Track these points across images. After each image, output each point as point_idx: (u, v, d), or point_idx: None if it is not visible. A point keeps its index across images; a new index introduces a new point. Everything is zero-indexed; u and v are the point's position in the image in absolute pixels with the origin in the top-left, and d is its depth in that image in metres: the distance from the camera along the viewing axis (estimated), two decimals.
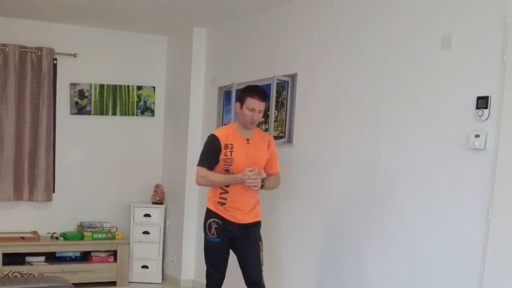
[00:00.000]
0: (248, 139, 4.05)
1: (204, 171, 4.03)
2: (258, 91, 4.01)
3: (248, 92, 4.00)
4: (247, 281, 4.14)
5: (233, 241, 4.11)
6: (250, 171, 3.88)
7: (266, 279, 4.26)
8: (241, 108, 4.00)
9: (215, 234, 4.05)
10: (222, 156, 3.98)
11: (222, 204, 4.04)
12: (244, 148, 4.02)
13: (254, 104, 3.95)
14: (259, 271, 4.09)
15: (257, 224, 4.16)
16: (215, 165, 4.02)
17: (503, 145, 3.28)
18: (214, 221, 4.06)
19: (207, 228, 4.09)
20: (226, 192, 4.02)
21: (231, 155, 3.97)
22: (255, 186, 3.94)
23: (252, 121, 3.98)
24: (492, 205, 3.32)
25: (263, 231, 4.24)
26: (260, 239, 4.14)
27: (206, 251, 4.14)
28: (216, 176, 4.01)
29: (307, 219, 4.72)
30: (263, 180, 4.00)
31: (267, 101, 4.05)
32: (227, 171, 4.01)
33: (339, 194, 4.41)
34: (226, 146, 3.98)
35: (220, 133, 4.09)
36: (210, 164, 4.02)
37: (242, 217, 4.06)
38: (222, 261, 4.12)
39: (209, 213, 4.09)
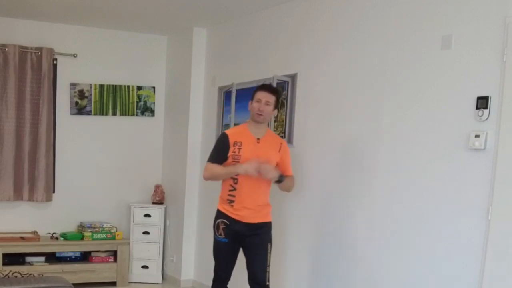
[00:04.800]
0: (258, 139, 4.10)
1: (210, 165, 4.11)
2: (266, 85, 4.21)
3: (257, 88, 4.15)
4: (251, 280, 4.15)
5: (242, 240, 4.13)
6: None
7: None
8: (251, 103, 4.10)
9: (222, 235, 4.11)
10: (230, 153, 4.05)
11: (231, 202, 4.08)
12: (254, 146, 4.06)
13: (260, 95, 4.05)
14: (265, 271, 4.11)
15: (267, 225, 4.17)
16: (224, 161, 4.08)
17: (503, 145, 3.28)
18: (222, 222, 4.12)
19: (215, 228, 4.16)
20: (234, 189, 4.06)
21: (239, 151, 4.03)
22: (269, 175, 3.93)
23: (259, 112, 4.04)
24: (492, 205, 3.32)
25: None
26: (270, 241, 4.16)
27: (214, 250, 4.23)
28: (220, 168, 4.07)
29: (306, 219, 4.72)
30: (281, 175, 4.04)
31: (278, 95, 4.14)
32: None
33: (340, 194, 4.41)
34: (235, 143, 4.05)
35: (231, 131, 4.20)
36: (218, 160, 4.09)
37: (251, 216, 4.07)
38: (229, 261, 4.18)
39: (218, 214, 4.16)
